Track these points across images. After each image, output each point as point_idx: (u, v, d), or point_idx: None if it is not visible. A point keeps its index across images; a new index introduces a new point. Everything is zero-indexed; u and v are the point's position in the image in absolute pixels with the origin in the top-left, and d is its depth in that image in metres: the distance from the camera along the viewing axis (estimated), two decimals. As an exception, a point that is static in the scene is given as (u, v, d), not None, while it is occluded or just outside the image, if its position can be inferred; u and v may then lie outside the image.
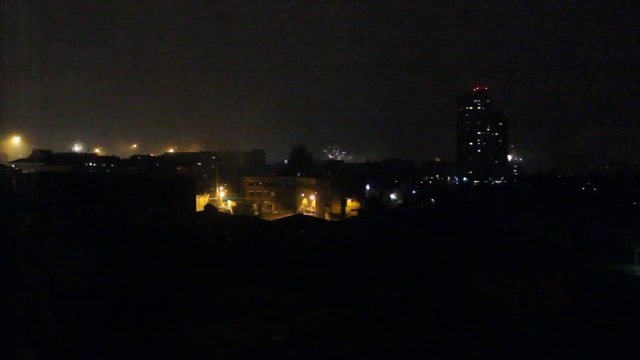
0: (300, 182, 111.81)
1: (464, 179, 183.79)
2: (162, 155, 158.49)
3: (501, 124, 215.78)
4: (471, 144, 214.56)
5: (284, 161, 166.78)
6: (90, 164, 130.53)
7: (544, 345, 18.83)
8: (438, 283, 26.73)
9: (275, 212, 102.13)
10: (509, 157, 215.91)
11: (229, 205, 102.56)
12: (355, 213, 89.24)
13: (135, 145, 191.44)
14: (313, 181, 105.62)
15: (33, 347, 16.59)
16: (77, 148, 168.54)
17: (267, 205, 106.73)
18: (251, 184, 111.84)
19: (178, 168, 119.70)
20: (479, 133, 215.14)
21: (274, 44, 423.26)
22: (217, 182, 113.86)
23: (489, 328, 20.29)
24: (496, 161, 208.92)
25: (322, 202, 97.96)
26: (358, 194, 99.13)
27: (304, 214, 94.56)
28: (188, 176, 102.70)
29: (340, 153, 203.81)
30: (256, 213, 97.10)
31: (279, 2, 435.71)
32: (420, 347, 18.49)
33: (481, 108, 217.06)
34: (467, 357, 18.05)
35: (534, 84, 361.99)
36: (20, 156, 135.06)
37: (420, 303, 23.08)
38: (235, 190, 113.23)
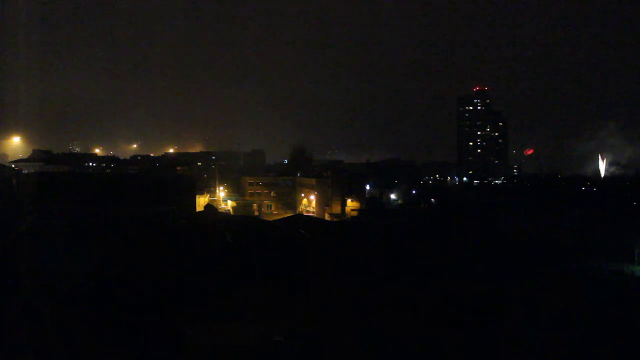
0: (300, 182, 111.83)
1: (464, 179, 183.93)
2: (162, 155, 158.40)
3: (501, 124, 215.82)
4: (471, 144, 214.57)
5: (284, 161, 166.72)
6: (90, 164, 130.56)
7: (544, 346, 18.83)
8: (438, 283, 26.73)
9: (275, 212, 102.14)
10: (509, 158, 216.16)
11: (229, 205, 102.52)
12: (355, 213, 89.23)
13: (135, 145, 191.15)
14: (313, 181, 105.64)
15: (33, 347, 16.59)
16: (77, 148, 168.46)
17: (267, 205, 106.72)
18: (251, 184, 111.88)
19: (178, 168, 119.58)
20: (479, 133, 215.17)
21: (275, 44, 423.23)
22: (217, 182, 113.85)
23: (489, 328, 20.29)
24: (496, 161, 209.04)
25: (322, 202, 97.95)
26: (358, 194, 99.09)
27: (304, 214, 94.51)
28: (188, 176, 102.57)
29: (340, 153, 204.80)
30: (256, 213, 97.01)
31: (280, 2, 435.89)
32: (420, 347, 18.50)
33: (481, 108, 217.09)
34: (467, 357, 18.05)
35: (534, 84, 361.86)
36: (20, 156, 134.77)
37: (420, 303, 23.07)
38: (235, 190, 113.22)
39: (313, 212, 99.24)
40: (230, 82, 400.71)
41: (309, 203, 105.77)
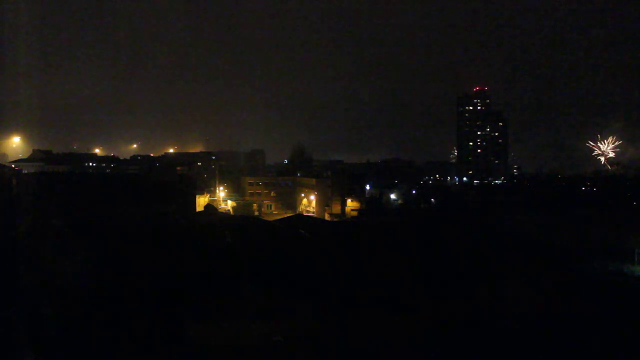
0: (300, 182, 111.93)
1: (464, 179, 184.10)
2: (162, 155, 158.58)
3: (501, 124, 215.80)
4: (471, 144, 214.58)
5: (284, 161, 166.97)
6: (90, 164, 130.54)
7: (543, 346, 18.84)
8: (438, 283, 26.74)
9: (275, 212, 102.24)
10: (509, 157, 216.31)
11: (229, 205, 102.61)
12: (355, 213, 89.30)
13: (135, 145, 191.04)
14: (313, 181, 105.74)
15: (33, 347, 16.59)
16: (78, 150, 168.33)
17: (267, 205, 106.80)
18: (251, 184, 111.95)
19: (178, 168, 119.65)
20: (479, 133, 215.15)
21: (275, 44, 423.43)
22: (217, 182, 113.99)
23: (488, 328, 20.30)
24: (496, 161, 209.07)
25: (322, 202, 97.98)
26: (358, 194, 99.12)
27: (304, 214, 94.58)
28: (188, 176, 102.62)
29: (340, 153, 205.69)
30: (256, 213, 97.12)
31: (280, 2, 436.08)
32: (420, 347, 18.50)
33: (481, 108, 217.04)
34: (467, 357, 18.05)
35: (534, 84, 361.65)
36: (20, 156, 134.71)
37: (420, 303, 23.08)
38: (235, 190, 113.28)
39: (313, 212, 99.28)
40: (230, 82, 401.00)
41: (309, 203, 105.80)
